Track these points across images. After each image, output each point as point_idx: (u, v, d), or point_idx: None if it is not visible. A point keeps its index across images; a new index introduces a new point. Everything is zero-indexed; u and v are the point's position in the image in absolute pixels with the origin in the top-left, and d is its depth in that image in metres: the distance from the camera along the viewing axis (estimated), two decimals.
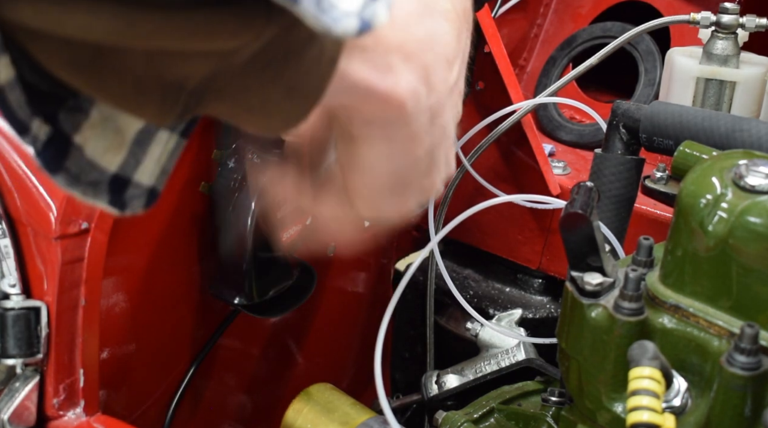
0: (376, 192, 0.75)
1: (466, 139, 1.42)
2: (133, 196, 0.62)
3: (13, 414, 1.08)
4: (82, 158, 0.58)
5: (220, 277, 1.27)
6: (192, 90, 0.54)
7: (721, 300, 0.85)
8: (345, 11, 0.48)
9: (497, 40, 1.44)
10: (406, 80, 0.67)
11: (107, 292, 1.18)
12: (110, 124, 0.58)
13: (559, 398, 1.10)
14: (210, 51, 0.52)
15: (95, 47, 0.50)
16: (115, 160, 0.59)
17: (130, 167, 0.60)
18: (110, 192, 0.60)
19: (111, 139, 0.59)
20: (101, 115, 0.57)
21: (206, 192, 1.27)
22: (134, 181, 0.61)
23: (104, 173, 0.59)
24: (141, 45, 0.50)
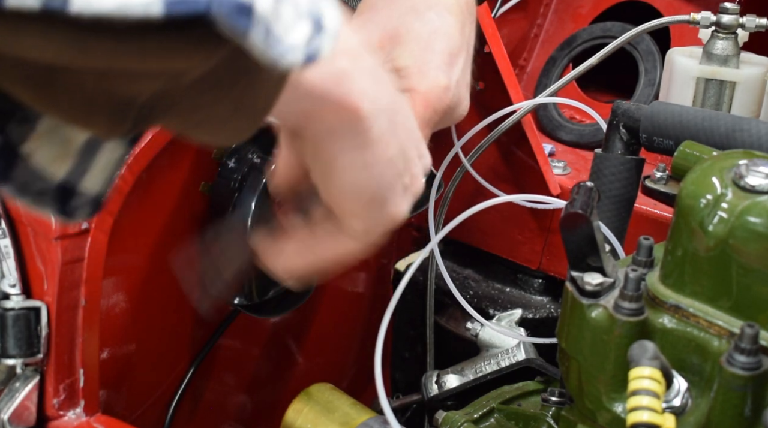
0: (361, 204, 0.75)
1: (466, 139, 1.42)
2: (79, 204, 0.62)
3: (13, 414, 1.08)
4: (28, 168, 0.59)
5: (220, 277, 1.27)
6: (141, 105, 0.55)
7: (721, 300, 0.85)
8: (291, 45, 0.51)
9: (497, 40, 1.44)
10: (359, 85, 0.68)
11: (107, 292, 1.18)
12: (57, 134, 0.59)
13: (559, 398, 1.10)
14: (160, 72, 0.53)
15: (47, 66, 0.51)
16: (61, 170, 0.60)
17: (77, 176, 0.61)
18: (56, 201, 0.61)
19: (58, 149, 0.59)
20: (48, 125, 0.58)
21: (206, 192, 1.27)
22: (80, 189, 0.62)
23: (50, 182, 0.60)
24: (92, 67, 0.51)
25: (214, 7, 0.48)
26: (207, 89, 0.56)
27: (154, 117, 0.56)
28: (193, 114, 0.59)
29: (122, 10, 0.46)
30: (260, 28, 0.49)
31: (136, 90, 0.54)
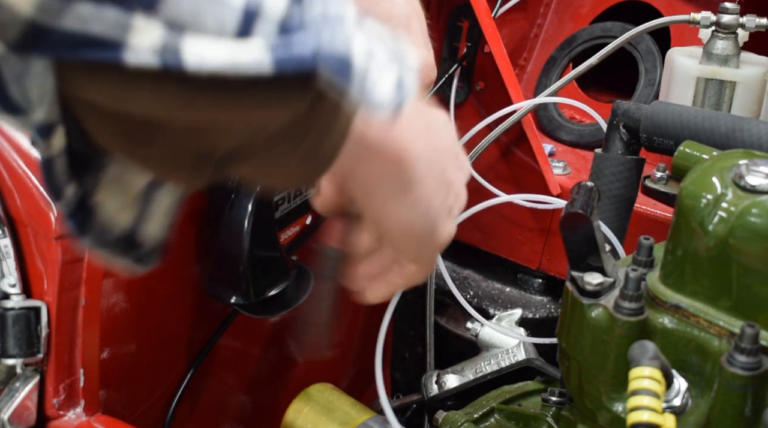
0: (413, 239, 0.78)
1: (466, 138, 1.42)
2: (148, 250, 0.64)
3: (14, 414, 1.08)
4: (100, 219, 0.60)
5: (218, 276, 1.27)
6: (220, 157, 0.56)
7: (721, 300, 0.85)
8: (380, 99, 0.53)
9: (497, 40, 1.44)
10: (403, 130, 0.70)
11: (107, 292, 1.18)
12: (119, 183, 0.60)
13: (559, 398, 1.10)
14: (247, 124, 0.54)
15: (144, 121, 0.52)
16: (125, 219, 0.62)
17: (139, 224, 0.63)
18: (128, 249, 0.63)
19: (121, 198, 0.61)
20: (113, 174, 0.59)
21: (206, 191, 1.27)
22: (141, 238, 0.63)
23: (119, 231, 0.61)
24: (189, 121, 0.52)
25: (321, 64, 0.49)
26: (282, 141, 0.57)
27: (230, 168, 0.58)
28: (267, 164, 0.60)
29: (233, 66, 0.48)
30: (357, 82, 0.51)
31: (220, 143, 0.55)
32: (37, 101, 0.50)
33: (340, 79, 0.50)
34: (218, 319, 1.36)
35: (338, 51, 0.50)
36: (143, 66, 0.47)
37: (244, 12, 0.47)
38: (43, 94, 0.50)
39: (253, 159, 0.58)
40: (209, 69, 0.47)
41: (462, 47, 1.56)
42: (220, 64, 0.47)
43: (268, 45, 0.48)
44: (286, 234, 1.33)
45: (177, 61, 0.47)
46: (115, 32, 0.46)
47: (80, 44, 0.46)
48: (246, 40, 0.48)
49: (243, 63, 0.48)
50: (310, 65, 0.49)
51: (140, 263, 0.64)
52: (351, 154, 0.66)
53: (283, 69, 0.48)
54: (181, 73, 0.47)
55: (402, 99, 0.54)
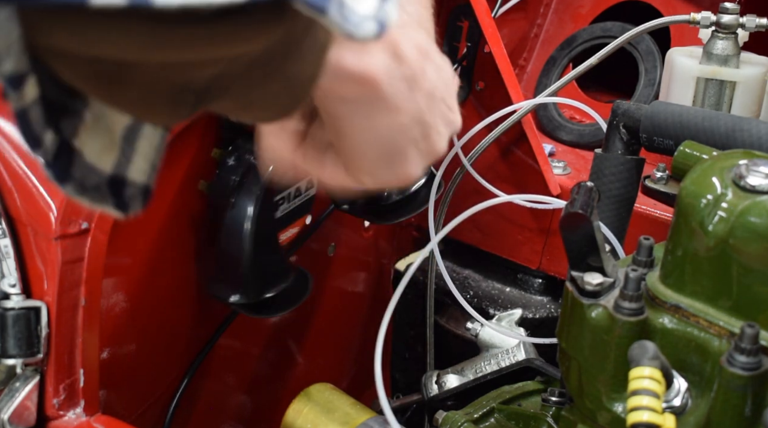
0: (370, 162, 0.76)
1: (466, 138, 1.42)
2: (131, 195, 0.62)
3: (13, 414, 1.08)
4: (83, 163, 0.58)
5: (218, 276, 1.27)
6: (198, 90, 0.55)
7: (721, 300, 0.85)
8: (363, 15, 0.50)
9: (497, 40, 1.44)
10: (378, 58, 0.69)
11: (107, 292, 1.18)
12: (100, 124, 0.58)
13: (559, 398, 1.10)
14: (223, 56, 0.53)
15: (115, 63, 0.51)
16: (109, 161, 0.60)
17: (124, 166, 0.61)
18: (112, 194, 0.61)
19: (103, 139, 0.59)
20: (93, 116, 0.58)
21: (205, 191, 1.27)
22: (129, 179, 0.62)
23: (102, 175, 0.60)
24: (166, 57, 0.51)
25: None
26: (261, 68, 0.56)
27: (208, 100, 0.57)
28: (246, 94, 0.59)
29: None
30: (336, 3, 0.49)
31: (196, 76, 0.54)
32: (3, 52, 0.48)
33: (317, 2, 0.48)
34: (218, 319, 1.36)
35: None
36: (109, 6, 0.45)
37: None
38: (9, 45, 0.48)
39: (231, 90, 0.57)
40: (178, 2, 0.46)
41: (462, 47, 1.56)
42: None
43: None
44: (286, 234, 1.33)
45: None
46: None
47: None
48: None
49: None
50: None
51: (124, 208, 0.62)
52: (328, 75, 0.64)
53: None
54: (149, 9, 0.46)
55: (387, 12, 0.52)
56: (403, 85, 0.73)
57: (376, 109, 0.72)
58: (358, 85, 0.69)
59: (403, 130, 0.75)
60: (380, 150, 0.76)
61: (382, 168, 0.77)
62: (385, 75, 0.70)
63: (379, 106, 0.72)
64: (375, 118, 0.73)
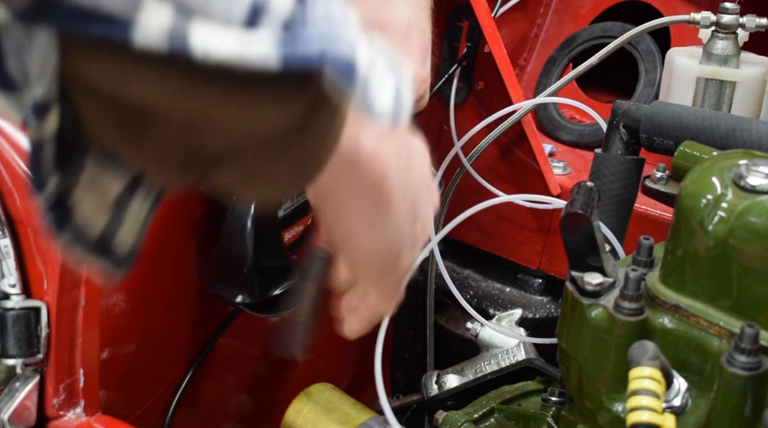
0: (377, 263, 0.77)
1: (466, 138, 1.42)
2: (120, 256, 0.63)
3: (13, 414, 1.08)
4: (77, 217, 0.59)
5: (222, 277, 1.27)
6: (209, 157, 0.56)
7: (721, 300, 0.85)
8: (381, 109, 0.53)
9: (497, 40, 1.44)
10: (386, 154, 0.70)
11: (107, 292, 1.18)
12: (96, 184, 0.59)
13: (559, 398, 1.10)
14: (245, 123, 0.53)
15: (142, 109, 0.51)
16: (100, 222, 0.60)
17: (113, 230, 0.61)
18: (101, 252, 0.61)
19: (97, 200, 0.59)
20: (90, 175, 0.58)
21: (206, 191, 1.27)
22: (115, 244, 0.62)
23: (93, 234, 0.60)
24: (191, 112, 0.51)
25: (328, 65, 0.48)
26: (274, 145, 0.57)
27: (216, 168, 0.57)
28: (253, 170, 0.59)
29: (240, 58, 0.47)
30: (360, 87, 0.50)
31: (212, 140, 0.54)
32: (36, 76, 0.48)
33: (345, 81, 0.50)
34: (218, 319, 1.36)
35: (344, 53, 0.49)
36: (150, 47, 0.46)
37: (252, 4, 0.47)
38: (43, 69, 0.48)
39: (241, 163, 0.58)
40: (216, 58, 0.47)
41: (462, 47, 1.56)
42: (227, 54, 0.47)
43: (275, 39, 0.47)
44: (290, 233, 1.33)
45: (184, 45, 0.46)
46: (125, 9, 0.45)
47: (89, 18, 0.45)
48: (253, 32, 0.47)
49: (250, 55, 0.47)
50: (316, 64, 0.48)
51: (113, 268, 0.62)
52: (334, 169, 0.65)
53: (289, 65, 0.48)
54: (188, 59, 0.47)
55: (399, 110, 0.54)
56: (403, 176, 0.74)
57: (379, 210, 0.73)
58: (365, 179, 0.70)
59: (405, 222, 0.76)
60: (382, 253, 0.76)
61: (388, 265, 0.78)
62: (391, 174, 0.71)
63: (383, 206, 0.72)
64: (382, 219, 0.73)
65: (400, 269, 0.79)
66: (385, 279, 0.80)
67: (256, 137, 0.55)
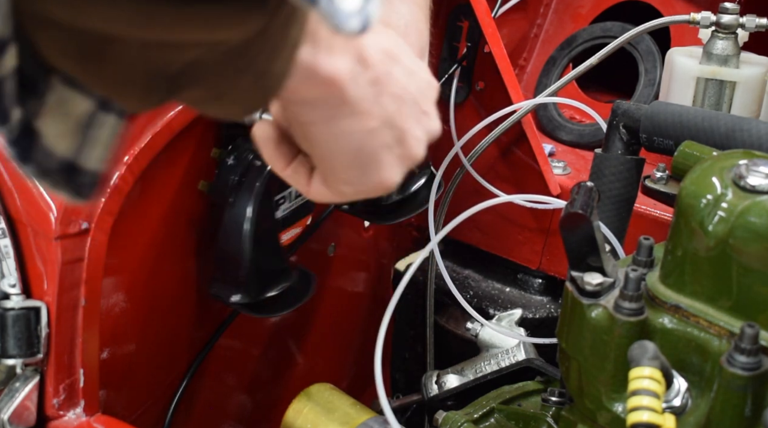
0: (343, 170, 0.76)
1: (466, 138, 1.42)
2: (85, 181, 0.62)
3: (13, 414, 1.08)
4: (42, 146, 0.58)
5: (219, 276, 1.27)
6: (172, 76, 0.55)
7: (721, 301, 0.85)
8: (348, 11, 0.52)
9: (497, 40, 1.44)
10: (342, 61, 0.69)
11: (107, 292, 1.18)
12: (61, 109, 0.58)
13: (559, 398, 1.10)
14: (205, 41, 0.53)
15: (100, 37, 0.51)
16: (66, 146, 0.60)
17: (79, 152, 0.61)
18: (66, 179, 0.61)
19: (62, 124, 0.59)
20: (55, 99, 0.58)
21: (205, 190, 1.27)
22: (82, 165, 0.61)
23: (59, 159, 0.60)
24: (150, 36, 0.51)
25: None
26: (236, 58, 0.56)
27: (181, 88, 0.57)
28: (218, 85, 0.59)
29: None
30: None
31: (173, 59, 0.54)
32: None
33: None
34: (218, 319, 1.36)
35: None
36: None
37: None
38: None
39: (205, 79, 0.57)
40: None
41: (462, 47, 1.56)
42: None
43: None
44: (288, 234, 1.33)
45: None
46: None
47: None
48: None
49: None
50: None
51: (79, 194, 0.62)
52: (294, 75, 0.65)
53: None
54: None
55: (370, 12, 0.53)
56: (369, 89, 0.73)
57: (341, 114, 0.72)
58: (322, 86, 0.69)
59: (372, 135, 0.75)
60: (351, 156, 0.75)
61: (356, 175, 0.77)
62: (349, 78, 0.70)
63: (344, 110, 0.72)
64: (340, 123, 0.73)
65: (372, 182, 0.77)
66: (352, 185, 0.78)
67: (218, 51, 0.55)
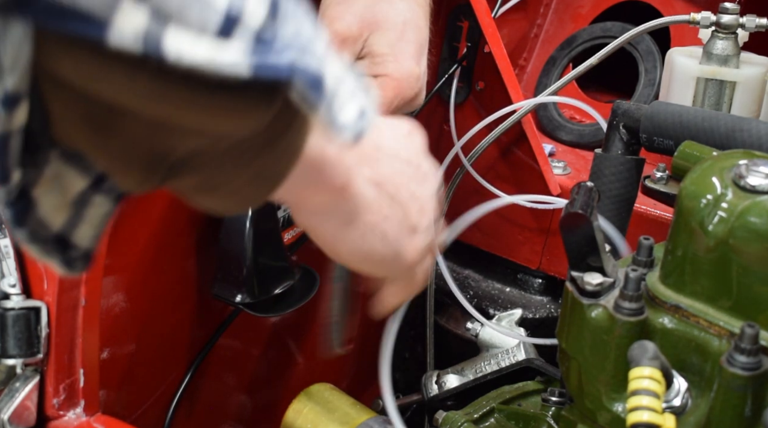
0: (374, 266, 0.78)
1: (466, 138, 1.42)
2: (76, 257, 0.63)
3: (13, 414, 1.08)
4: (36, 215, 0.59)
5: (222, 277, 1.27)
6: (174, 162, 0.56)
7: (721, 301, 0.85)
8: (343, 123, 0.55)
9: (497, 40, 1.44)
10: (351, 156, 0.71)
11: (107, 292, 1.18)
12: (57, 183, 0.59)
13: (559, 398, 1.10)
14: (210, 130, 0.55)
15: (111, 108, 0.52)
16: (59, 220, 0.61)
17: (71, 228, 0.62)
18: (58, 251, 0.62)
19: (57, 198, 0.60)
20: (53, 172, 0.59)
21: None
22: (73, 242, 0.63)
23: (51, 232, 0.61)
24: (159, 114, 0.52)
25: (297, 77, 0.50)
26: (237, 154, 0.58)
27: (179, 174, 0.58)
28: (215, 178, 0.60)
29: (212, 64, 0.48)
30: (325, 102, 0.53)
31: (178, 145, 0.55)
32: (9, 67, 0.49)
33: (312, 94, 0.51)
34: (218, 319, 1.36)
35: (312, 66, 0.51)
36: (124, 48, 0.47)
37: (226, 15, 0.48)
38: (16, 61, 0.49)
39: (204, 169, 0.58)
40: (188, 63, 0.48)
41: (462, 47, 1.56)
42: (199, 60, 0.48)
43: (247, 48, 0.49)
44: (290, 233, 1.33)
45: (158, 49, 0.47)
46: (102, 9, 0.46)
47: (66, 15, 0.46)
48: (226, 41, 0.48)
49: (222, 62, 0.48)
50: (285, 75, 0.50)
51: (68, 266, 0.63)
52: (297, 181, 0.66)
53: (259, 74, 0.49)
54: (160, 62, 0.47)
55: (363, 127, 0.56)
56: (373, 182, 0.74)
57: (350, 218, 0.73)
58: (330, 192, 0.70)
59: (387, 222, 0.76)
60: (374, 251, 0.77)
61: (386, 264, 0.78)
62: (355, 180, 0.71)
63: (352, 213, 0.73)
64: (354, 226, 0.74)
65: (406, 259, 0.79)
66: (395, 272, 0.80)
67: (221, 144, 0.56)
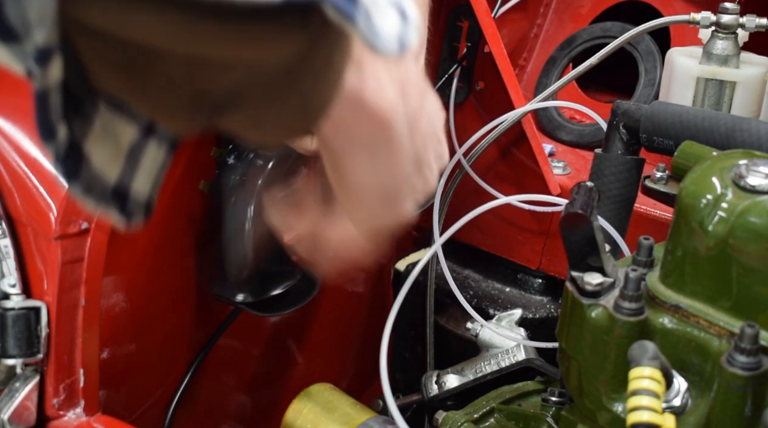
0: (369, 204, 0.76)
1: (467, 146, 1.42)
2: (134, 208, 0.62)
3: (13, 414, 1.08)
4: (90, 168, 0.58)
5: (223, 276, 1.27)
6: (217, 97, 0.55)
7: (721, 301, 0.85)
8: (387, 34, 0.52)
9: (497, 40, 1.44)
10: (391, 95, 0.69)
11: (107, 292, 1.18)
12: (108, 135, 0.58)
13: (559, 398, 1.10)
14: (248, 61, 0.53)
15: (144, 51, 0.51)
16: (114, 171, 0.60)
17: (129, 178, 0.61)
18: (116, 203, 0.61)
19: (110, 150, 0.59)
20: (102, 124, 0.58)
21: (206, 190, 1.27)
22: (132, 192, 0.61)
23: (107, 184, 0.60)
24: (193, 50, 0.51)
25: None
26: (279, 83, 0.56)
27: (224, 110, 0.57)
28: (260, 109, 0.59)
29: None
30: (363, 15, 0.50)
31: (217, 80, 0.54)
32: (35, 22, 0.48)
33: (347, 11, 0.49)
34: (218, 319, 1.36)
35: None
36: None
37: None
38: (42, 14, 0.48)
39: (248, 105, 0.57)
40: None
41: (462, 47, 1.56)
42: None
43: None
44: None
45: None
46: None
47: None
48: None
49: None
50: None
51: (127, 218, 0.62)
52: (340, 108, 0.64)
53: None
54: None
55: (407, 34, 0.53)
56: (405, 127, 0.73)
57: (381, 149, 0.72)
58: (370, 120, 0.69)
59: (402, 170, 0.75)
60: (380, 191, 0.75)
61: (380, 209, 0.77)
62: (395, 114, 0.70)
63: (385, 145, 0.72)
64: (379, 159, 0.73)
65: (391, 215, 0.78)
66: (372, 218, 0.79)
67: (260, 75, 0.55)
